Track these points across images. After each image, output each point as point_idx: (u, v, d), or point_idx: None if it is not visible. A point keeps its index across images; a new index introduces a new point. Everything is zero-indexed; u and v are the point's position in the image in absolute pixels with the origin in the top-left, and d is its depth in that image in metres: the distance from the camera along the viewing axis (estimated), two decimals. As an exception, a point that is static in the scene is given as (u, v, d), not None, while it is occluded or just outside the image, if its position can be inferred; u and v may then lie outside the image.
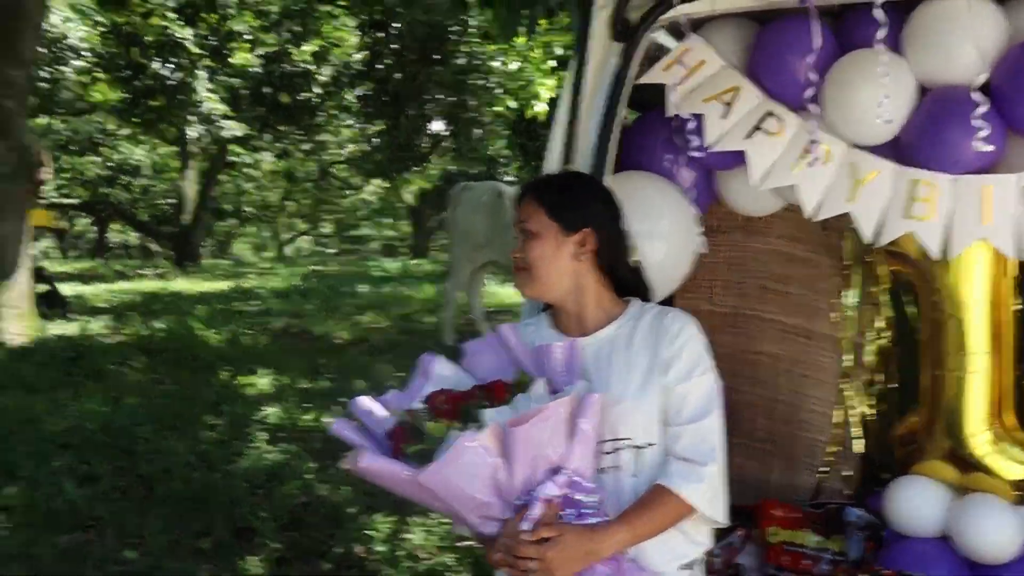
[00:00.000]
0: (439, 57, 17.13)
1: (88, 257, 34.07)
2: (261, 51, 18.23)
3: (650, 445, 1.87)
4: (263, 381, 6.24)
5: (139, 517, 3.89)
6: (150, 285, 15.97)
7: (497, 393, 1.81)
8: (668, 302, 2.59)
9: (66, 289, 12.58)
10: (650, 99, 2.65)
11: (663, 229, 2.53)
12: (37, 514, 3.88)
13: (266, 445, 4.83)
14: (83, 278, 19.01)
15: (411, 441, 1.76)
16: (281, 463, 4.56)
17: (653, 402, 1.87)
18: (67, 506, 3.94)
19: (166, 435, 4.85)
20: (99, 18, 15.67)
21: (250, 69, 18.17)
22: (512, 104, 15.28)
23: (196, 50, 16.31)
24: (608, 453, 1.86)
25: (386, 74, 18.54)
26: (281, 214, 37.83)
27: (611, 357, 1.93)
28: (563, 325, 2.02)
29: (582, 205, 1.97)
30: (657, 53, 2.63)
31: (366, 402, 1.91)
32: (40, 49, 12.30)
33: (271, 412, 5.42)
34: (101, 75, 17.09)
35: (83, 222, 35.89)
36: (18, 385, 5.70)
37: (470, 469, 1.67)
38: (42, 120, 21.51)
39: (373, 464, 1.72)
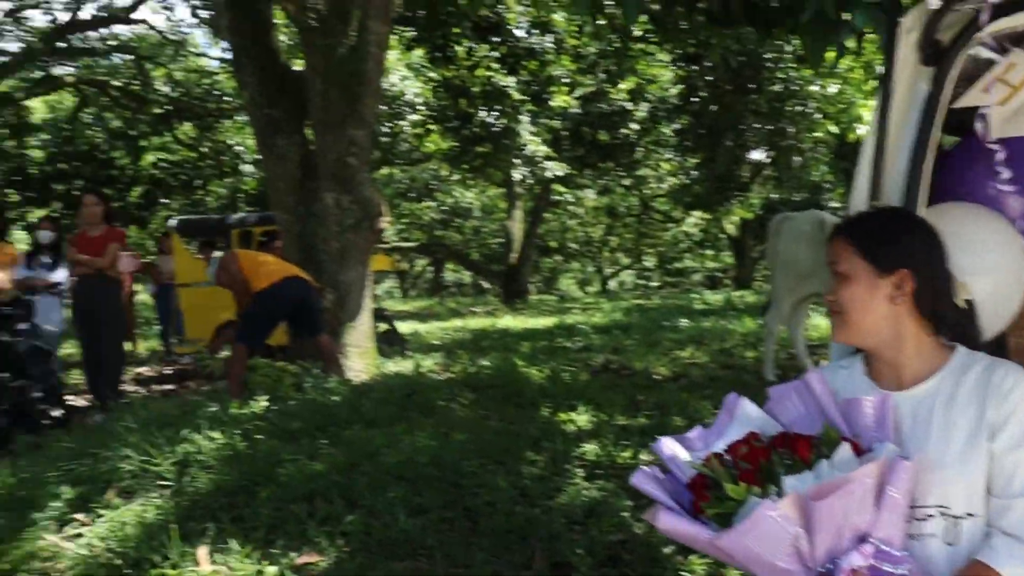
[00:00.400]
0: (754, 86, 16.84)
1: (426, 296, 36.44)
2: (579, 93, 18.82)
3: (970, 516, 1.67)
4: (582, 418, 6.32)
5: (465, 548, 4.03)
6: (480, 322, 16.73)
7: (800, 451, 1.70)
8: (999, 342, 2.35)
9: (404, 328, 13.43)
10: (969, 122, 2.43)
11: (988, 264, 2.25)
12: (374, 541, 4.12)
13: (584, 482, 4.87)
14: (420, 317, 20.33)
15: (710, 496, 1.71)
16: (598, 500, 4.57)
17: (977, 470, 1.67)
18: (401, 535, 4.14)
19: (491, 469, 5.00)
20: (431, 74, 16.83)
21: (569, 111, 18.78)
22: (833, 129, 14.73)
23: (518, 96, 17.10)
24: (921, 520, 1.69)
25: (702, 106, 18.50)
26: (604, 249, 38.61)
27: (930, 416, 1.74)
28: (878, 373, 1.86)
29: (897, 243, 1.81)
30: (975, 70, 2.40)
31: (670, 444, 1.88)
32: (381, 107, 13.39)
33: (589, 448, 5.46)
34: (433, 126, 18.35)
35: (421, 263, 38.55)
36: (360, 420, 6.07)
37: (769, 537, 1.58)
38: (384, 171, 23.39)
39: (670, 523, 1.70)
